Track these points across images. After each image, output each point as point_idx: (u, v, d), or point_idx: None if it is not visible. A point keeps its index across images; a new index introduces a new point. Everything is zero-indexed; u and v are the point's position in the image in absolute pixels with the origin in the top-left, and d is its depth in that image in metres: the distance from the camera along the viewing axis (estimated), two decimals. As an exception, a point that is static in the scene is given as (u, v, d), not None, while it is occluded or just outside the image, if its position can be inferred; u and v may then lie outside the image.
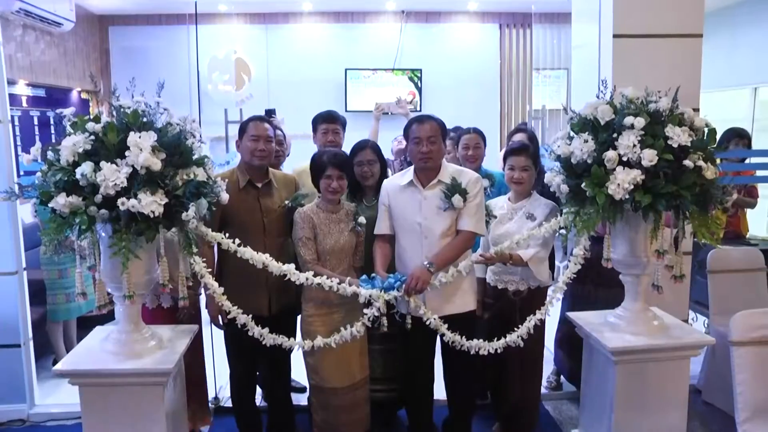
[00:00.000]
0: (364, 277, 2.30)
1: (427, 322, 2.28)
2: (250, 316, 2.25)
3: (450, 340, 2.29)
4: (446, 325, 2.30)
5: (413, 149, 2.36)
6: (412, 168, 2.43)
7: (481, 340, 2.32)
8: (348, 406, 2.47)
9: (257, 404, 2.71)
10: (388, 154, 3.55)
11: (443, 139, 2.38)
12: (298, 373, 2.72)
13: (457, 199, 2.28)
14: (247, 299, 2.37)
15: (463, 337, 2.30)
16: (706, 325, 3.39)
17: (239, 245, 2.19)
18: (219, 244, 2.20)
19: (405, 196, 2.39)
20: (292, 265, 2.24)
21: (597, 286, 2.85)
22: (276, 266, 2.19)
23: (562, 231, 2.42)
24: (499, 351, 2.33)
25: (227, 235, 2.21)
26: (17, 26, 5.06)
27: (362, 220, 2.45)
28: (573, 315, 2.52)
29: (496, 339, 2.33)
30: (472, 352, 2.31)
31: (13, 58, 5.04)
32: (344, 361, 2.43)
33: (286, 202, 2.50)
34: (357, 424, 2.51)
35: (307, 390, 2.64)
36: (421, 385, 2.54)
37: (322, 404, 2.49)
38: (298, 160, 2.93)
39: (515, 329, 2.34)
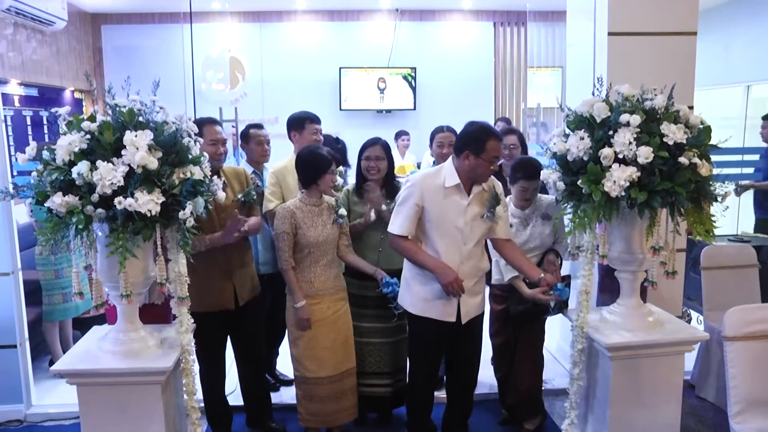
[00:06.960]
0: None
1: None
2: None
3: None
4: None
5: (487, 165, 2.23)
6: (448, 168, 2.30)
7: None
8: (333, 395, 2.50)
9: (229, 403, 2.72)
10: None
11: None
12: (287, 366, 2.73)
13: (499, 210, 2.34)
14: (212, 294, 2.44)
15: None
16: (699, 322, 3.41)
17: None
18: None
19: (448, 199, 2.28)
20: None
21: None
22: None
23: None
24: None
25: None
26: (8, 24, 5.02)
27: (343, 212, 2.54)
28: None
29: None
30: None
31: (5, 57, 5.01)
32: (328, 351, 2.48)
33: (239, 196, 2.51)
34: (343, 414, 2.55)
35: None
36: (428, 384, 2.55)
37: (306, 395, 2.53)
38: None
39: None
